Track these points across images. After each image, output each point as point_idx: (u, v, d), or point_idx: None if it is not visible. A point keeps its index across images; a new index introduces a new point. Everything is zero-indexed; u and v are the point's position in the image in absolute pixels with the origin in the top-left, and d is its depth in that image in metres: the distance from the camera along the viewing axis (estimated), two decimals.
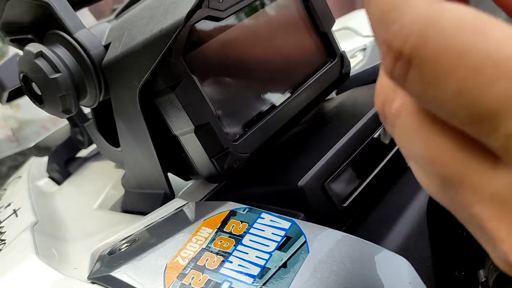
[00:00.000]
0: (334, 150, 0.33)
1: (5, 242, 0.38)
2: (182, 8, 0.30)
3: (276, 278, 0.25)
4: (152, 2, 0.34)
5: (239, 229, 0.29)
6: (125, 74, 0.33)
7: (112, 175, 0.47)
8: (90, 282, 0.29)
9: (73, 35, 0.34)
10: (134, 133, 0.36)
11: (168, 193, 0.37)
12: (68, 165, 0.54)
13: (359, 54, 0.51)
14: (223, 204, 0.31)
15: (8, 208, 0.45)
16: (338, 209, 0.32)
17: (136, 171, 0.39)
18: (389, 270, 0.25)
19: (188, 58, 0.31)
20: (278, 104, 0.36)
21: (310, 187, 0.31)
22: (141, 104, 0.33)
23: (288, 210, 0.31)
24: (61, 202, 0.47)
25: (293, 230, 0.27)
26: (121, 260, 0.29)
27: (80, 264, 0.32)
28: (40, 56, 0.33)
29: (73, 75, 0.34)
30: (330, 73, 0.40)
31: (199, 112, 0.31)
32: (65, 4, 0.35)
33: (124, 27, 0.35)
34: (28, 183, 0.49)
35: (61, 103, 0.34)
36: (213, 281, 0.26)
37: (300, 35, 0.39)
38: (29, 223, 0.39)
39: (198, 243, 0.29)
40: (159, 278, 0.27)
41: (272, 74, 0.37)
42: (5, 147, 0.78)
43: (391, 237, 0.32)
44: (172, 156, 0.36)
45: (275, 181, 0.34)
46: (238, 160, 0.33)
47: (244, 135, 0.34)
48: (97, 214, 0.42)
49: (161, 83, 0.31)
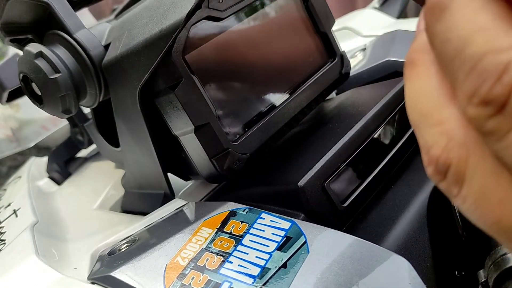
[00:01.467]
0: (334, 150, 0.33)
1: (5, 242, 0.38)
2: (182, 8, 0.30)
3: (276, 278, 0.25)
4: (152, 2, 0.34)
5: (239, 229, 0.29)
6: (125, 74, 0.33)
7: (112, 175, 0.47)
8: (90, 282, 0.29)
9: (73, 35, 0.34)
10: (134, 133, 0.36)
11: (168, 193, 0.37)
12: (68, 165, 0.54)
13: (359, 54, 0.51)
14: (223, 204, 0.31)
15: (8, 208, 0.45)
16: (338, 209, 0.32)
17: (136, 171, 0.39)
18: (389, 270, 0.25)
19: (188, 58, 0.31)
20: (278, 104, 0.36)
21: (310, 187, 0.31)
22: (141, 104, 0.33)
23: (288, 210, 0.31)
24: (61, 202, 0.47)
25: (293, 230, 0.27)
26: (121, 260, 0.29)
27: (80, 264, 0.32)
28: (40, 56, 0.33)
29: (73, 75, 0.34)
30: (330, 73, 0.40)
31: (199, 112, 0.31)
32: (65, 4, 0.35)
33: (124, 27, 0.35)
34: (28, 183, 0.49)
35: (61, 103, 0.34)
36: (213, 281, 0.26)
37: (300, 35, 0.39)
38: (29, 223, 0.39)
39: (198, 243, 0.29)
40: (159, 278, 0.27)
41: (272, 74, 0.37)
42: (5, 147, 0.78)
43: (391, 237, 0.32)
44: (172, 156, 0.36)
45: (275, 181, 0.34)
46: (238, 160, 0.33)
47: (244, 135, 0.34)
48: (97, 214, 0.42)
49: (161, 83, 0.31)
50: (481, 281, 0.31)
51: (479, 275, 0.31)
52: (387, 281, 0.24)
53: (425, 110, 0.14)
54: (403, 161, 0.38)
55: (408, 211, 0.33)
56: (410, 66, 0.15)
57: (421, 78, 0.15)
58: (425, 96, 0.14)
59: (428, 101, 0.14)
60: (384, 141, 0.37)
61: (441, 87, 0.14)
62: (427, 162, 0.14)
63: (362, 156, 0.34)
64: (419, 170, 0.37)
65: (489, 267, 0.30)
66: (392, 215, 0.33)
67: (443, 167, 0.13)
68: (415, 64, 0.15)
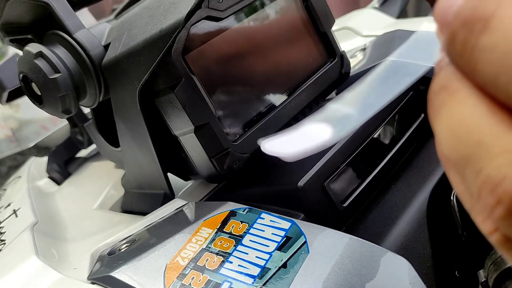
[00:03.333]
0: (334, 150, 0.33)
1: (5, 242, 0.38)
2: (182, 8, 0.30)
3: (276, 278, 0.25)
4: (152, 2, 0.34)
5: (239, 229, 0.29)
6: (125, 74, 0.33)
7: (112, 175, 0.47)
8: (90, 282, 0.29)
9: (73, 35, 0.34)
10: (134, 133, 0.36)
11: (168, 193, 0.37)
12: (68, 165, 0.54)
13: (359, 54, 0.51)
14: (223, 204, 0.31)
15: (8, 208, 0.45)
16: (338, 209, 0.32)
17: (136, 171, 0.39)
18: (389, 270, 0.25)
19: (188, 58, 0.31)
20: (278, 104, 0.36)
21: (310, 187, 0.31)
22: (141, 104, 0.33)
23: (288, 210, 0.31)
24: (61, 202, 0.47)
25: (293, 230, 0.27)
26: (121, 260, 0.29)
27: (80, 264, 0.32)
28: (39, 56, 0.33)
29: (73, 75, 0.34)
30: (330, 73, 0.40)
31: (199, 112, 0.31)
32: (65, 4, 0.35)
33: (124, 27, 0.35)
34: (28, 183, 0.49)
35: (60, 103, 0.34)
36: (213, 281, 0.26)
37: (300, 35, 0.39)
38: (29, 223, 0.39)
39: (198, 243, 0.29)
40: (159, 279, 0.27)
41: (272, 74, 0.37)
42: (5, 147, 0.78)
43: (391, 237, 0.32)
44: (172, 156, 0.36)
45: (275, 181, 0.34)
46: (238, 160, 0.33)
47: (244, 135, 0.34)
48: (97, 214, 0.42)
49: (161, 83, 0.31)
50: (481, 281, 0.31)
51: (479, 275, 0.31)
52: (387, 281, 0.24)
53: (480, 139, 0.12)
54: (403, 161, 0.38)
55: (408, 211, 0.33)
56: (444, 93, 0.13)
57: (465, 104, 0.12)
58: (477, 124, 0.12)
59: (483, 129, 0.12)
60: (384, 141, 0.37)
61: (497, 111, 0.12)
62: (497, 201, 0.11)
63: (362, 156, 0.34)
64: (419, 170, 0.37)
65: (489, 267, 0.30)
66: (392, 215, 0.33)
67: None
68: (453, 90, 0.13)
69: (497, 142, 0.11)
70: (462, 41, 0.12)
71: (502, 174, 0.11)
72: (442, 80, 0.13)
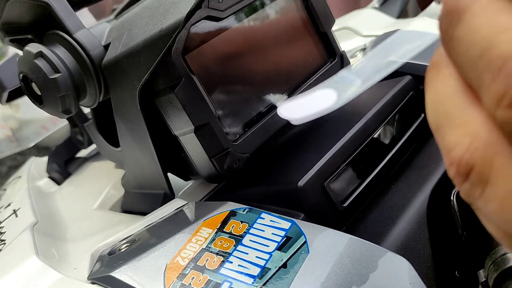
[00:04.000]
0: (334, 150, 0.33)
1: (5, 242, 0.38)
2: (182, 8, 0.30)
3: (276, 278, 0.25)
4: (152, 2, 0.34)
5: (239, 229, 0.29)
6: (125, 74, 0.33)
7: (112, 175, 0.47)
8: (90, 282, 0.29)
9: (73, 35, 0.34)
10: (134, 133, 0.36)
11: (168, 193, 0.37)
12: (68, 165, 0.54)
13: (359, 54, 0.51)
14: (223, 204, 0.31)
15: (8, 208, 0.45)
16: (338, 209, 0.32)
17: (136, 171, 0.39)
18: (389, 270, 0.25)
19: (188, 58, 0.31)
20: (278, 104, 0.36)
21: (310, 187, 0.31)
22: (141, 104, 0.33)
23: (288, 210, 0.31)
24: (61, 202, 0.47)
25: (293, 230, 0.27)
26: (121, 260, 0.29)
27: (80, 264, 0.32)
28: (39, 56, 0.33)
29: (73, 75, 0.34)
30: (330, 73, 0.40)
31: (199, 112, 0.31)
32: (65, 4, 0.35)
33: (124, 27, 0.35)
34: (28, 183, 0.49)
35: (60, 103, 0.34)
36: (213, 281, 0.26)
37: (300, 35, 0.39)
38: (29, 223, 0.39)
39: (198, 243, 0.29)
40: (159, 279, 0.27)
41: (272, 74, 0.37)
42: (5, 147, 0.78)
43: (391, 237, 0.32)
44: (172, 156, 0.36)
45: (275, 181, 0.34)
46: (238, 160, 0.33)
47: (244, 135, 0.34)
48: (97, 214, 0.42)
49: (161, 83, 0.31)
50: (481, 281, 0.31)
51: (479, 275, 0.31)
52: (387, 281, 0.24)
53: (448, 112, 0.14)
54: (403, 161, 0.38)
55: (408, 211, 0.33)
56: (434, 69, 0.15)
57: (445, 80, 0.14)
58: (449, 98, 0.14)
59: (452, 103, 0.14)
60: (384, 141, 0.37)
61: (466, 90, 0.14)
62: (449, 163, 0.14)
63: (362, 156, 0.34)
64: (419, 170, 0.37)
65: (489, 267, 0.30)
66: (392, 215, 0.33)
67: (466, 168, 0.13)
68: (440, 67, 0.15)
69: (459, 116, 0.13)
70: (444, 29, 0.14)
71: (456, 142, 0.13)
72: (436, 57, 0.15)
